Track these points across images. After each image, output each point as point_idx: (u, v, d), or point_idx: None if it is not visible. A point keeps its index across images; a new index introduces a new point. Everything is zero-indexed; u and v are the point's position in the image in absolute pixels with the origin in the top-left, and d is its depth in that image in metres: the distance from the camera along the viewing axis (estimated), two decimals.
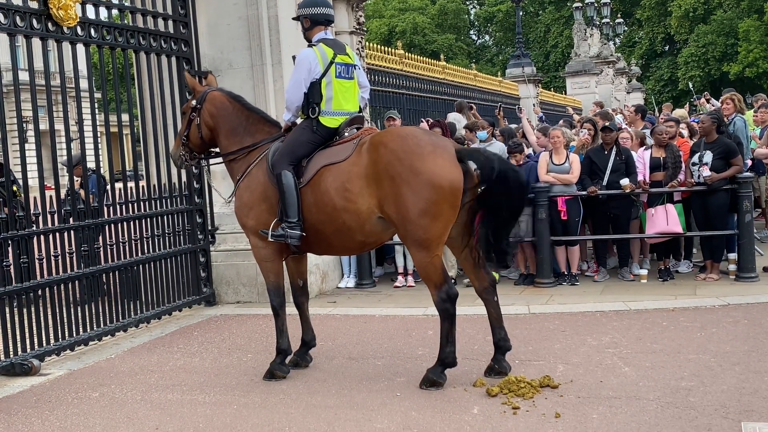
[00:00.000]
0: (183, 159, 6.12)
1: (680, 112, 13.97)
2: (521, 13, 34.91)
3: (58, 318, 6.64)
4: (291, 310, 5.95)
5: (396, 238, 6.11)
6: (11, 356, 6.22)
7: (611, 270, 9.10)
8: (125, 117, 9.41)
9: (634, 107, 11.91)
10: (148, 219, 7.82)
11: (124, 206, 7.59)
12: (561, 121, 11.19)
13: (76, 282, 6.90)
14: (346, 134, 5.55)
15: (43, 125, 6.96)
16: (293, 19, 5.97)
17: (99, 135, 7.67)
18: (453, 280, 5.37)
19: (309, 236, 5.48)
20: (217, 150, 6.07)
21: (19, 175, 7.51)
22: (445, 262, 5.71)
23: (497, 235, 5.23)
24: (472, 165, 5.14)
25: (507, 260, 5.68)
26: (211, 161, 6.42)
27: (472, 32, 70.02)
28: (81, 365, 6.46)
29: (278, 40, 8.69)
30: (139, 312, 7.61)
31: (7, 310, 6.23)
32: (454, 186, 5.02)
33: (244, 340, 7.02)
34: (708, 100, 16.67)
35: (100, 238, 7.33)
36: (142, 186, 7.91)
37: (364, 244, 5.64)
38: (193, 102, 6.00)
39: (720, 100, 11.04)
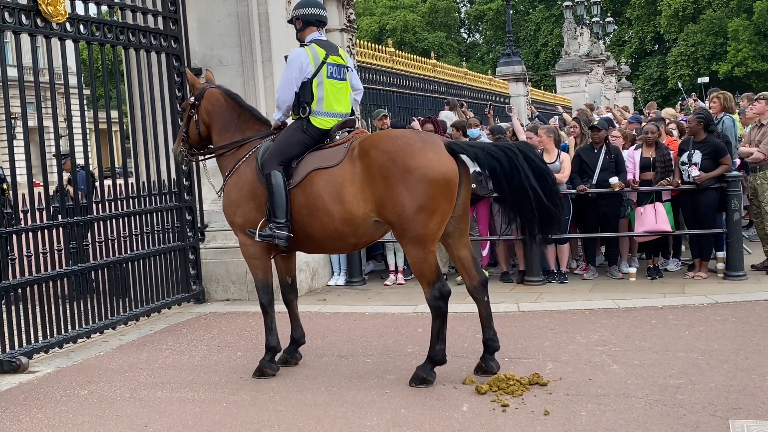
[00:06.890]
0: (183, 155, 6.18)
1: (669, 111, 13.98)
2: (511, 12, 34.97)
3: (46, 315, 6.60)
4: (280, 307, 5.95)
5: (386, 236, 6.09)
6: None
7: (600, 268, 9.13)
8: (114, 114, 9.35)
9: (623, 107, 11.95)
10: (138, 216, 7.78)
11: (113, 203, 7.56)
12: (552, 119, 11.23)
13: (65, 279, 6.87)
14: (337, 137, 5.53)
15: (32, 122, 6.93)
16: (288, 22, 5.94)
17: (88, 132, 7.63)
18: (444, 276, 5.35)
19: (298, 237, 5.47)
20: None
21: (7, 172, 7.48)
22: (439, 259, 5.71)
23: (532, 230, 5.18)
24: (466, 158, 5.16)
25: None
26: (205, 157, 6.42)
27: (462, 30, 70.05)
28: (70, 363, 6.43)
29: (268, 37, 8.68)
30: (128, 309, 7.58)
31: None
32: (449, 177, 5.01)
33: (234, 337, 7.00)
34: (695, 101, 16.76)
35: (89, 235, 7.30)
36: (131, 183, 7.87)
37: (356, 245, 5.64)
38: (192, 99, 6.02)
39: (707, 99, 11.08)
